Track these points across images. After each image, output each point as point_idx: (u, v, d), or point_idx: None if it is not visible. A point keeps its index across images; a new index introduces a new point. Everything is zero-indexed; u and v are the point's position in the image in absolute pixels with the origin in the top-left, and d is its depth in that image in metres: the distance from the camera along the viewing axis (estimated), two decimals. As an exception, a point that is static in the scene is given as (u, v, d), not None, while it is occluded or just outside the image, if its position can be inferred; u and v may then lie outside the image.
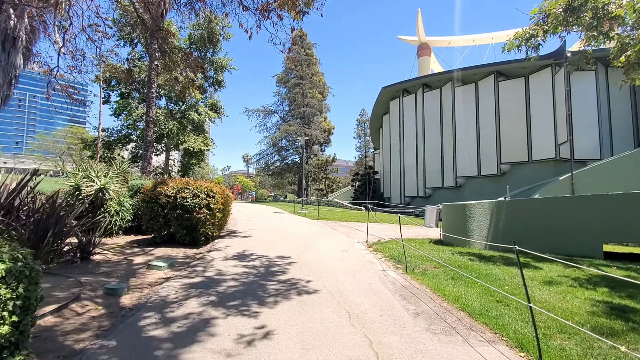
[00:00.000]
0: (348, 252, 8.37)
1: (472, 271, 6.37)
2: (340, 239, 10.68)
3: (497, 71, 24.11)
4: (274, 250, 8.47)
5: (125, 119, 22.46)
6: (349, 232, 12.25)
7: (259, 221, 15.77)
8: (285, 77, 45.63)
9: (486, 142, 24.62)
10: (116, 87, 23.59)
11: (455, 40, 39.50)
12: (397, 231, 12.52)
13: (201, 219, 8.90)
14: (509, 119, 23.51)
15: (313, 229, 13.00)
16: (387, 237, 10.84)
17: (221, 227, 10.61)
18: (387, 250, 8.50)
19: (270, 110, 44.12)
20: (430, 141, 29.52)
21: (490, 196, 23.96)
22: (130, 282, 5.68)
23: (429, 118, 29.76)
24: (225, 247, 8.87)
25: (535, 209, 9.08)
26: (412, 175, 31.96)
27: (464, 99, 26.40)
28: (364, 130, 63.88)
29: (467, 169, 25.98)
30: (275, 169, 44.27)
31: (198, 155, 22.10)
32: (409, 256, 7.46)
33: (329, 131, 48.13)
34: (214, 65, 25.87)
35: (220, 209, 9.78)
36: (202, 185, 9.38)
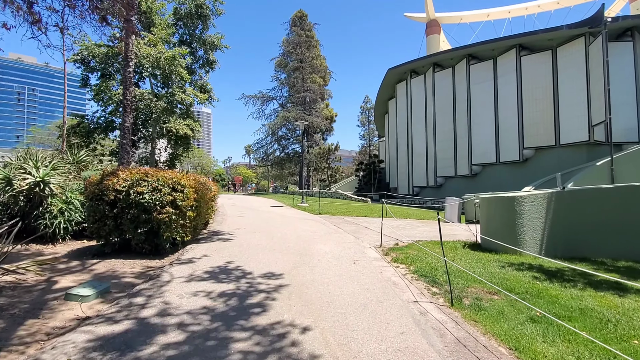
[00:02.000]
0: (359, 264, 6.18)
1: (552, 301, 4.16)
2: (346, 241, 8.48)
3: (519, 44, 21.52)
4: (260, 261, 6.30)
5: (106, 104, 20.19)
6: (356, 232, 10.05)
7: (251, 217, 13.61)
8: (284, 61, 42.92)
9: (506, 125, 22.17)
10: (96, 68, 21.24)
11: (467, 16, 36.54)
12: (415, 229, 10.33)
13: (164, 221, 6.73)
14: (533, 98, 21.01)
15: (313, 228, 10.81)
16: (406, 239, 8.63)
17: (196, 228, 8.44)
18: (411, 260, 6.30)
19: (269, 97, 41.51)
20: (441, 126, 27.09)
21: (511, 186, 21.61)
22: (16, 332, 3.54)
23: (440, 100, 27.26)
24: (197, 257, 6.71)
25: (608, 201, 6.82)
26: (421, 164, 29.64)
27: (481, 77, 23.86)
28: (368, 118, 61.31)
29: (483, 156, 23.61)
30: (275, 159, 41.94)
31: (184, 140, 19.84)
32: (443, 271, 5.29)
33: (331, 119, 45.59)
34: (205, 44, 23.43)
35: (192, 207, 7.59)
36: (166, 177, 7.17)
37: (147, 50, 17.39)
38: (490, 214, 7.33)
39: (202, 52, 24.12)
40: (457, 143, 25.75)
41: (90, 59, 20.27)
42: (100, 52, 19.65)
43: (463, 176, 25.23)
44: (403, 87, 32.83)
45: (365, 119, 61.21)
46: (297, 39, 41.65)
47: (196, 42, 23.41)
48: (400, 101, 33.51)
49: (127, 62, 15.35)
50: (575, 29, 18.64)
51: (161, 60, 17.52)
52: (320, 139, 41.45)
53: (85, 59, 20.28)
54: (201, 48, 23.88)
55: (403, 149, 33.06)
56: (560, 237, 6.92)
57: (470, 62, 24.40)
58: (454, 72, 26.10)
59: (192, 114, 20.64)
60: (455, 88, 25.87)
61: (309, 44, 42.59)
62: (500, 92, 22.63)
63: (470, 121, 24.37)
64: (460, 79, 25.36)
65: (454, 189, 26.07)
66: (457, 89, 25.73)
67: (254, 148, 41.45)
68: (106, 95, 19.77)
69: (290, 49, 42.44)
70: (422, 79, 29.65)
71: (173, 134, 19.11)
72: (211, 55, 23.80)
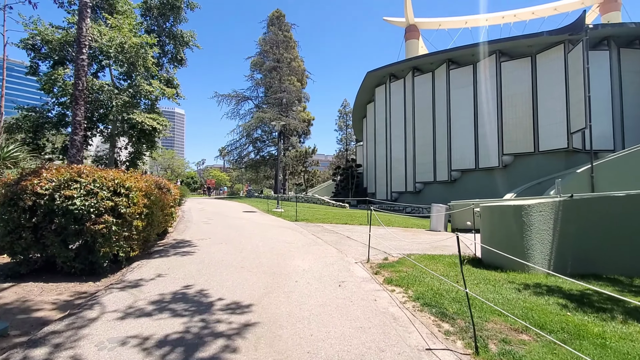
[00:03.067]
0: (346, 287, 5.05)
1: (600, 344, 3.21)
2: (328, 255, 7.34)
3: (499, 50, 21.42)
4: (224, 284, 5.03)
5: (57, 95, 18.02)
6: (338, 243, 8.94)
7: (219, 225, 12.19)
8: (260, 60, 41.48)
9: (486, 131, 21.97)
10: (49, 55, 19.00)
11: (445, 22, 36.75)
12: (401, 239, 9.33)
13: (101, 233, 5.33)
14: (513, 104, 20.91)
15: (290, 237, 9.60)
16: (395, 252, 7.62)
17: (147, 240, 7.02)
18: (408, 281, 5.24)
19: (244, 97, 39.83)
20: (421, 131, 26.68)
21: (490, 192, 21.37)
22: None
23: (419, 105, 26.88)
24: (144, 279, 5.34)
25: (618, 210, 6.10)
26: (400, 169, 29.12)
27: (461, 82, 23.63)
28: (346, 122, 60.85)
29: (463, 161, 23.31)
30: (250, 162, 40.21)
31: (148, 137, 18.02)
32: (451, 298, 4.29)
33: (308, 122, 44.53)
34: (174, 39, 21.72)
35: (142, 214, 6.22)
36: (105, 177, 5.76)
37: (109, 33, 15.61)
38: (494, 225, 6.44)
39: (171, 47, 22.39)
40: (436, 148, 25.39)
41: (42, 45, 18.12)
42: (55, 39, 17.60)
43: (442, 182, 24.86)
44: (382, 91, 32.35)
45: (343, 122, 60.72)
46: (275, 39, 40.41)
47: (165, 36, 21.68)
48: (379, 105, 33.01)
49: (80, 47, 13.58)
50: (555, 35, 18.66)
51: (126, 46, 15.77)
52: (297, 142, 40.22)
53: (36, 45, 18.10)
54: (170, 42, 22.16)
55: (381, 153, 32.51)
56: (568, 251, 6.13)
57: (450, 66, 24.15)
58: (433, 76, 25.80)
59: (158, 110, 18.83)
60: (435, 93, 25.56)
61: (286, 45, 41.45)
62: (479, 98, 22.45)
63: (450, 126, 24.06)
64: (440, 84, 25.07)
65: (433, 194, 25.66)
66: (436, 94, 25.43)
67: (227, 149, 39.56)
68: (57, 85, 17.63)
69: (267, 48, 41.10)
70: (401, 83, 29.25)
71: (136, 130, 17.27)
72: (180, 53, 22.12)
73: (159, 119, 17.12)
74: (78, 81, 13.52)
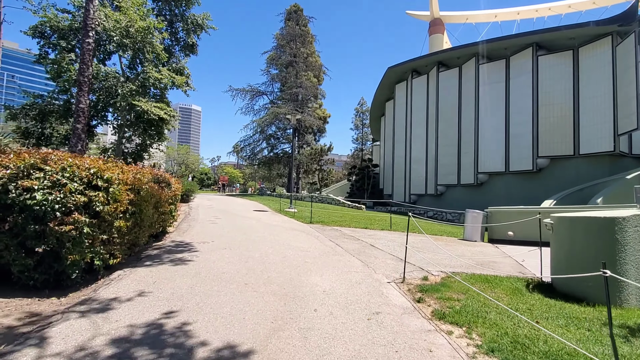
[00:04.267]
0: (382, 323, 3.72)
1: None
2: (352, 269, 6.02)
3: (536, 43, 19.60)
4: (219, 312, 3.78)
5: (65, 83, 17.25)
6: (361, 252, 7.60)
7: (226, 225, 11.01)
8: (276, 55, 40.38)
9: (518, 131, 20.18)
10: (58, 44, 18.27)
11: (473, 16, 34.81)
12: (435, 251, 7.76)
13: (69, 236, 4.18)
14: (551, 102, 19.08)
15: (304, 244, 8.31)
16: (434, 268, 6.25)
17: (135, 244, 5.86)
18: (468, 317, 3.86)
19: (259, 91, 38.77)
20: (445, 130, 25.01)
21: (522, 198, 19.58)
22: None
23: (444, 103, 25.21)
24: (120, 297, 4.16)
25: None
26: (420, 170, 27.50)
27: (491, 78, 21.88)
28: (362, 121, 59.27)
29: (491, 164, 21.57)
30: (263, 159, 39.18)
31: (156, 128, 17.06)
32: (541, 352, 2.94)
33: (324, 119, 43.23)
34: (188, 23, 20.76)
35: (128, 213, 5.06)
36: (79, 165, 4.58)
37: (114, 16, 14.70)
38: (574, 242, 4.97)
39: (183, 34, 21.45)
40: (461, 149, 23.69)
41: (52, 32, 17.40)
42: (64, 27, 16.87)
43: (467, 185, 23.16)
44: (403, 88, 30.75)
45: (360, 121, 59.17)
46: (292, 33, 39.23)
47: (178, 21, 20.75)
48: (399, 103, 31.42)
49: (87, 31, 12.69)
50: (602, 26, 16.78)
51: (131, 29, 14.82)
52: (312, 140, 39.00)
53: (45, 33, 17.38)
54: (183, 30, 21.21)
55: (400, 153, 30.92)
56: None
57: (479, 61, 22.42)
58: (460, 72, 24.10)
59: (167, 100, 17.84)
60: (462, 89, 23.86)
61: (303, 39, 40.22)
62: (512, 95, 20.67)
63: (478, 126, 22.34)
64: (468, 80, 23.36)
65: (456, 198, 24.00)
66: (463, 91, 23.72)
67: (241, 145, 38.59)
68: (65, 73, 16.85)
69: (284, 43, 39.97)
70: (424, 79, 27.60)
71: (142, 120, 16.34)
72: (191, 38, 21.11)
73: (166, 108, 16.12)
74: (83, 66, 12.59)
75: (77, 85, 12.23)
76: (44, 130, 17.61)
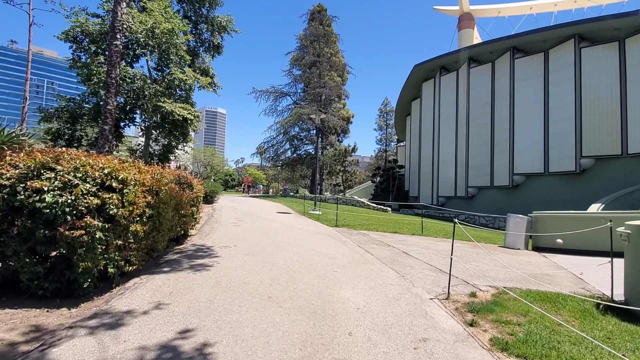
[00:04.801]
0: (429, 352, 3.10)
1: None
2: (386, 281, 5.41)
3: (578, 34, 18.16)
4: (238, 332, 3.30)
5: (94, 86, 17.60)
6: (394, 261, 6.96)
7: (249, 228, 10.65)
8: (300, 56, 40.15)
9: (559, 129, 18.76)
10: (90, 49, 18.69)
11: (506, 9, 33.10)
12: (477, 259, 7.01)
13: (81, 241, 3.84)
14: (595, 98, 17.58)
15: (331, 250, 7.76)
16: (481, 281, 5.53)
17: (153, 248, 5.52)
18: (537, 349, 3.16)
19: (282, 92, 38.63)
20: (476, 129, 23.77)
21: (563, 201, 18.15)
22: None
23: (475, 100, 23.98)
24: (134, 311, 3.77)
25: None
26: (448, 171, 26.32)
27: (528, 73, 20.52)
28: (386, 121, 58.07)
29: (528, 164, 20.20)
30: (286, 160, 39.01)
31: (181, 129, 17.07)
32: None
33: (347, 120, 42.53)
34: (212, 25, 20.79)
35: (145, 216, 4.71)
36: (92, 165, 4.25)
37: (140, 17, 14.78)
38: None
39: (208, 35, 21.50)
40: (494, 149, 22.39)
41: (84, 37, 17.80)
42: (94, 31, 17.22)
43: (501, 187, 21.83)
44: (430, 86, 29.63)
45: (384, 122, 57.99)
46: (315, 33, 38.87)
47: (203, 23, 20.82)
48: (426, 101, 30.30)
49: (115, 33, 12.68)
50: (656, 12, 15.26)
51: (156, 30, 14.86)
52: (336, 141, 38.41)
53: (77, 37, 17.81)
54: (207, 31, 21.25)
55: (427, 154, 29.79)
56: None
57: (514, 55, 21.09)
58: (493, 67, 22.82)
59: (192, 101, 17.85)
60: (495, 86, 22.57)
61: (327, 39, 39.75)
62: (552, 91, 19.25)
63: (513, 124, 21.01)
64: (502, 75, 22.05)
65: (489, 201, 22.72)
66: (497, 87, 22.43)
67: (264, 146, 38.58)
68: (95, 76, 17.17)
69: (307, 43, 39.66)
70: (453, 76, 26.41)
71: (167, 121, 16.38)
72: (216, 39, 21.11)
73: (190, 109, 16.06)
74: (110, 68, 12.59)
75: (105, 86, 12.29)
76: (74, 132, 18.06)
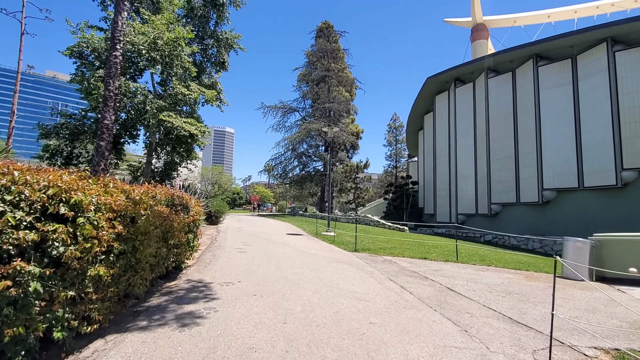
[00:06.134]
0: None
1: None
2: (448, 342, 3.91)
3: (610, 37, 16.87)
4: None
5: (94, 101, 16.75)
6: (444, 303, 5.44)
7: (256, 255, 9.21)
8: (308, 72, 39.59)
9: (594, 139, 17.20)
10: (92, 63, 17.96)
11: (522, 18, 32.10)
12: (540, 298, 5.56)
13: (6, 296, 2.48)
14: (635, 105, 16.08)
15: (359, 287, 6.25)
16: (579, 338, 3.99)
17: (128, 295, 4.12)
18: None
19: (290, 108, 37.82)
20: (497, 142, 22.30)
21: (603, 219, 16.38)
22: None
23: (495, 112, 22.62)
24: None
25: None
26: (468, 187, 24.71)
27: (554, 81, 19.18)
28: (396, 137, 56.89)
29: (560, 179, 18.55)
30: (295, 177, 37.80)
31: (185, 145, 15.97)
32: None
33: (357, 135, 41.46)
34: (218, 40, 20.08)
35: (112, 254, 3.36)
36: (30, 182, 2.93)
37: (142, 28, 13.95)
38: None
39: (214, 50, 20.76)
40: (519, 162, 20.82)
41: (89, 53, 17.09)
42: (100, 46, 16.53)
43: (529, 203, 20.11)
44: (444, 98, 28.43)
45: (393, 137, 56.81)
46: (323, 48, 38.40)
47: (209, 38, 20.13)
48: (441, 114, 29.03)
49: (115, 43, 11.71)
50: None
51: (159, 41, 13.98)
52: (346, 157, 37.17)
53: (83, 53, 17.11)
54: (214, 46, 20.53)
55: (443, 169, 28.26)
56: None
57: (538, 63, 19.82)
58: (514, 76, 21.54)
59: (197, 115, 16.80)
60: (517, 95, 21.23)
61: (335, 55, 39.22)
62: (583, 98, 17.81)
63: (540, 135, 19.50)
64: (524, 84, 20.73)
65: (515, 218, 20.97)
66: (519, 97, 21.08)
67: (272, 163, 37.51)
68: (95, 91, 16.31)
69: (315, 60, 39.19)
70: (470, 87, 25.21)
71: (171, 137, 15.32)
72: (223, 55, 20.35)
73: (196, 124, 14.97)
74: (109, 80, 11.55)
75: (103, 100, 11.27)
76: (73, 149, 17.13)
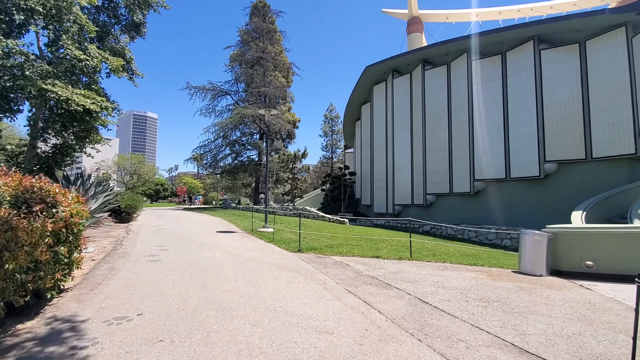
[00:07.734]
0: None
1: None
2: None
3: (537, 36, 17.75)
4: None
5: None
6: (425, 326, 4.20)
7: (172, 265, 7.13)
8: (241, 52, 36.56)
9: (521, 133, 18.10)
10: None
11: (454, 15, 33.50)
12: (519, 302, 4.70)
13: None
14: (557, 101, 17.17)
15: (314, 311, 4.74)
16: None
17: None
18: None
19: (221, 90, 34.45)
20: (433, 134, 22.64)
21: (528, 209, 17.36)
22: None
23: (431, 104, 22.90)
24: None
25: None
26: (404, 179, 24.91)
27: (486, 76, 19.80)
28: (332, 127, 56.66)
29: (489, 170, 19.32)
30: (227, 167, 34.83)
31: (81, 123, 12.63)
32: None
33: (293, 123, 39.89)
34: (130, -3, 16.55)
35: None
36: None
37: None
38: None
39: (125, 11, 17.10)
40: (452, 154, 21.36)
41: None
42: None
43: (461, 194, 20.77)
44: (382, 89, 28.27)
45: (329, 128, 56.50)
46: (259, 28, 35.73)
47: (116, -8, 16.48)
48: (378, 105, 28.88)
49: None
50: (617, 14, 15.17)
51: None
52: (282, 146, 35.38)
53: None
54: (125, 5, 16.89)
55: (380, 160, 28.25)
56: None
57: (471, 57, 20.32)
58: (449, 69, 21.94)
59: (98, 87, 13.41)
60: (451, 89, 21.66)
61: (271, 37, 36.84)
62: (511, 93, 18.66)
63: (472, 128, 20.12)
64: (459, 78, 21.19)
65: (448, 209, 21.56)
66: (453, 90, 21.52)
67: (201, 151, 33.95)
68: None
69: (249, 39, 36.32)
70: (407, 79, 25.26)
71: (62, 110, 11.90)
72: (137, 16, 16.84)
73: (94, 97, 11.76)
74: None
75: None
76: None
